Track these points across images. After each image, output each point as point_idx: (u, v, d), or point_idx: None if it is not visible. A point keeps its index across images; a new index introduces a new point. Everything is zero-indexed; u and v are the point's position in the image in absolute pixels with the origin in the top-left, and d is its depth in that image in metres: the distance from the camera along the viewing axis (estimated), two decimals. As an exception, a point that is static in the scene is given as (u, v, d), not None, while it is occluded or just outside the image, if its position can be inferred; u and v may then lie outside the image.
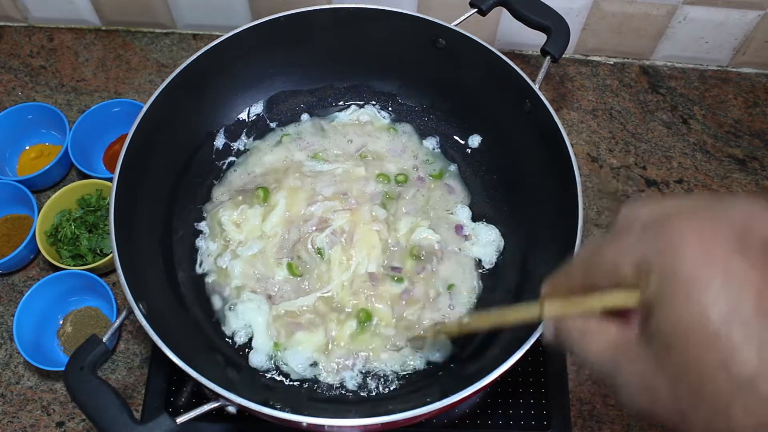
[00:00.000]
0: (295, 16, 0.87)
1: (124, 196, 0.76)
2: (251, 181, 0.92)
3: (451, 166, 0.95)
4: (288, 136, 0.96)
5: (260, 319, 0.83)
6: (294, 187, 0.89)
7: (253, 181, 0.92)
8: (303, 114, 0.99)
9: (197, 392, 0.84)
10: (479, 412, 0.85)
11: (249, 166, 0.94)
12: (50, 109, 1.02)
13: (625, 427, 0.87)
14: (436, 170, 0.95)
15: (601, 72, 1.15)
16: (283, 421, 0.65)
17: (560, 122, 0.79)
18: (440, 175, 0.94)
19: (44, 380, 0.89)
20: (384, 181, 0.92)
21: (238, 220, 0.88)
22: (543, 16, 0.87)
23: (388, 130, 0.97)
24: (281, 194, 0.88)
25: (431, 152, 0.96)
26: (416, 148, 0.97)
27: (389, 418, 0.64)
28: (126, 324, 0.92)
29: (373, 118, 0.98)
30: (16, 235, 0.96)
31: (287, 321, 0.83)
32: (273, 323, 0.82)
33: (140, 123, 0.79)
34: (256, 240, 0.87)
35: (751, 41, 1.10)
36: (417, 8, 1.08)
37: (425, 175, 0.94)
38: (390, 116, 0.99)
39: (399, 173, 0.93)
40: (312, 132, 0.97)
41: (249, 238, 0.87)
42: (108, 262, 0.92)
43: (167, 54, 1.15)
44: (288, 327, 0.82)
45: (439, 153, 0.96)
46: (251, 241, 0.86)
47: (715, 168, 1.07)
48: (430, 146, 0.97)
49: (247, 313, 0.83)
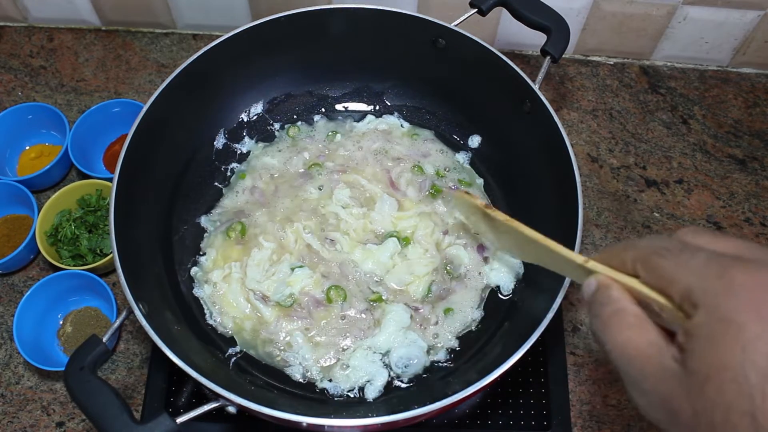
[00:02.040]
0: (295, 16, 0.87)
1: (124, 196, 0.76)
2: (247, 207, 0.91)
3: (478, 179, 0.94)
4: (294, 143, 0.96)
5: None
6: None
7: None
8: (315, 116, 0.98)
9: (197, 392, 0.85)
10: (479, 412, 0.85)
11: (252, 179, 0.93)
12: (50, 109, 1.02)
13: (625, 427, 0.87)
14: (465, 179, 0.94)
15: (601, 72, 1.15)
16: (283, 421, 0.65)
17: (560, 122, 0.79)
18: (470, 184, 0.93)
19: (44, 380, 0.89)
20: (419, 172, 0.92)
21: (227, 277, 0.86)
22: (543, 16, 0.87)
23: (411, 137, 0.97)
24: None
25: (460, 165, 0.96)
26: (444, 159, 0.96)
27: (389, 418, 0.65)
28: (126, 324, 0.92)
29: (391, 126, 0.97)
30: (16, 235, 0.96)
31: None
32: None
33: (140, 123, 0.79)
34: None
35: (751, 41, 1.10)
36: (417, 8, 1.08)
37: (455, 184, 0.93)
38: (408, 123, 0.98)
39: (437, 170, 0.94)
40: (323, 140, 0.97)
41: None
42: (108, 262, 0.92)
43: (167, 54, 1.15)
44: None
45: (468, 167, 0.96)
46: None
47: (715, 168, 1.07)
48: (460, 159, 0.96)
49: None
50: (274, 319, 0.82)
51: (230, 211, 0.90)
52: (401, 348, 0.81)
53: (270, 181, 0.92)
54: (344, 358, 0.81)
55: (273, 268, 0.85)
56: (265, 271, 0.85)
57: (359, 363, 0.80)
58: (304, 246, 0.87)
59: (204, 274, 0.86)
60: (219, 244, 0.88)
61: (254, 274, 0.85)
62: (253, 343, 0.82)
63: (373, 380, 0.80)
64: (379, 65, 0.96)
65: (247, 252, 0.86)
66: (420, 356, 0.81)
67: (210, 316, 0.84)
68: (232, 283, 0.84)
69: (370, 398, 0.79)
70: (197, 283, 0.86)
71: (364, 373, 0.80)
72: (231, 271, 0.85)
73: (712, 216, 1.03)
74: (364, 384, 0.80)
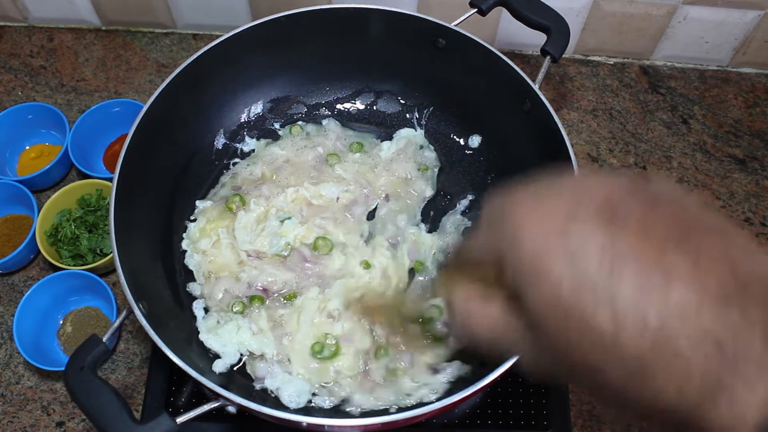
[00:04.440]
0: (296, 16, 0.87)
1: (124, 196, 0.76)
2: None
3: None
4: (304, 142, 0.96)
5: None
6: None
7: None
8: (324, 120, 0.98)
9: (197, 392, 0.84)
10: (479, 412, 0.85)
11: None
12: (50, 109, 1.02)
13: (626, 427, 0.87)
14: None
15: (601, 72, 1.15)
16: (283, 421, 0.65)
17: (560, 122, 0.79)
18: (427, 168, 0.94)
19: (44, 380, 0.89)
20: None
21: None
22: (543, 16, 0.87)
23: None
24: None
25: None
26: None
27: (389, 418, 0.65)
28: (126, 324, 0.92)
29: (409, 136, 0.97)
30: (16, 235, 0.96)
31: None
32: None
33: (140, 123, 0.79)
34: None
35: (751, 41, 1.10)
36: (417, 8, 1.08)
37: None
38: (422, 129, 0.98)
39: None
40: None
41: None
42: (108, 262, 0.92)
43: (167, 54, 1.15)
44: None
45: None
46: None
47: (715, 168, 1.07)
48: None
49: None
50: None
51: (228, 187, 0.91)
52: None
53: (278, 165, 0.92)
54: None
55: (261, 225, 0.86)
56: (253, 231, 0.85)
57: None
58: (300, 202, 0.87)
59: (192, 243, 0.86)
60: (208, 214, 0.88)
61: (243, 236, 0.85)
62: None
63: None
64: (379, 65, 0.96)
65: (233, 217, 0.87)
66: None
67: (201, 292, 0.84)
68: (222, 248, 0.85)
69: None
70: (188, 254, 0.86)
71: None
72: (219, 237, 0.86)
73: (712, 216, 1.03)
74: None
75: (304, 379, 0.77)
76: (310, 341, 0.79)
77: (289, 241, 0.85)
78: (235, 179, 0.92)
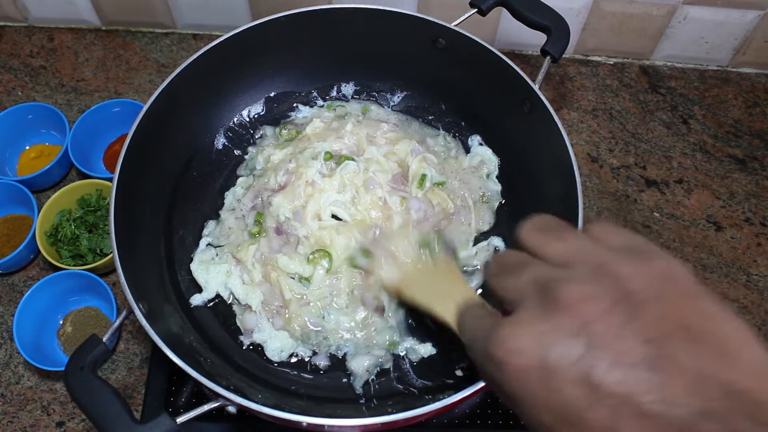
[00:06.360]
0: (295, 16, 0.87)
1: (124, 196, 0.76)
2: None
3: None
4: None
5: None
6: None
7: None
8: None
9: (197, 392, 0.85)
10: (479, 412, 0.85)
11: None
12: (50, 109, 1.02)
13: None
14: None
15: (601, 72, 1.15)
16: (283, 421, 0.65)
17: (560, 122, 0.79)
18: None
19: (44, 380, 0.89)
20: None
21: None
22: (543, 16, 0.87)
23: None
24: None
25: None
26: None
27: (389, 418, 0.64)
28: (126, 324, 0.92)
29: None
30: (16, 235, 0.96)
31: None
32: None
33: (140, 123, 0.79)
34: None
35: (751, 41, 1.10)
36: (417, 8, 1.08)
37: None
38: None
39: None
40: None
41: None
42: (108, 262, 0.92)
43: (167, 54, 1.15)
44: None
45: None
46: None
47: (715, 168, 1.07)
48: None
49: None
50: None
51: (246, 205, 0.89)
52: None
53: (279, 172, 0.91)
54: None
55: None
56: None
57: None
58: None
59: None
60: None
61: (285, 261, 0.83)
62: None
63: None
64: (379, 65, 0.96)
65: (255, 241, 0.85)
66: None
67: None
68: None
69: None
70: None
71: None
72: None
73: (712, 216, 1.03)
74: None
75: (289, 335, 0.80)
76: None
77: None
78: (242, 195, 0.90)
